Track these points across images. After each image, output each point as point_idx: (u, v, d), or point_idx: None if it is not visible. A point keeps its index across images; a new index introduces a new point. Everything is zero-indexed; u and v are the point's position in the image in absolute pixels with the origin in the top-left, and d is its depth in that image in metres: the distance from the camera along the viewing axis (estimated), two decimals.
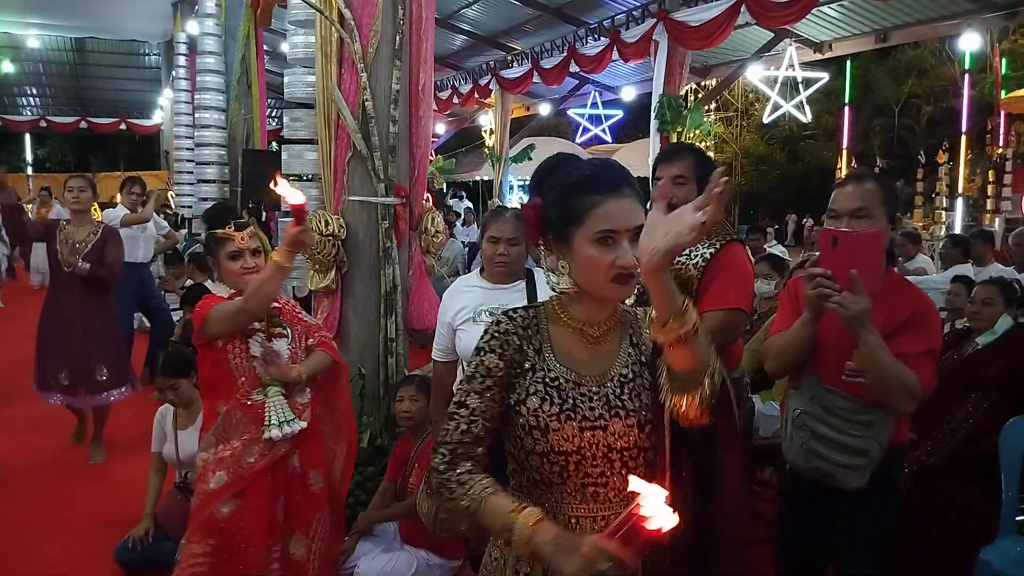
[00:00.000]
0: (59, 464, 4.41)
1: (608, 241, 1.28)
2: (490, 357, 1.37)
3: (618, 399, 1.35)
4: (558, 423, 1.32)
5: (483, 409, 1.35)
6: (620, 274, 1.28)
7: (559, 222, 1.33)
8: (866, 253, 1.90)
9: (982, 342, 3.11)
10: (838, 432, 2.03)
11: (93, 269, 4.24)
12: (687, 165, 2.54)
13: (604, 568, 1.09)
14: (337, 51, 3.58)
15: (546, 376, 1.35)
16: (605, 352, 1.39)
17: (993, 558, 2.55)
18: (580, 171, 1.35)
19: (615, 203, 1.29)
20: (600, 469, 1.33)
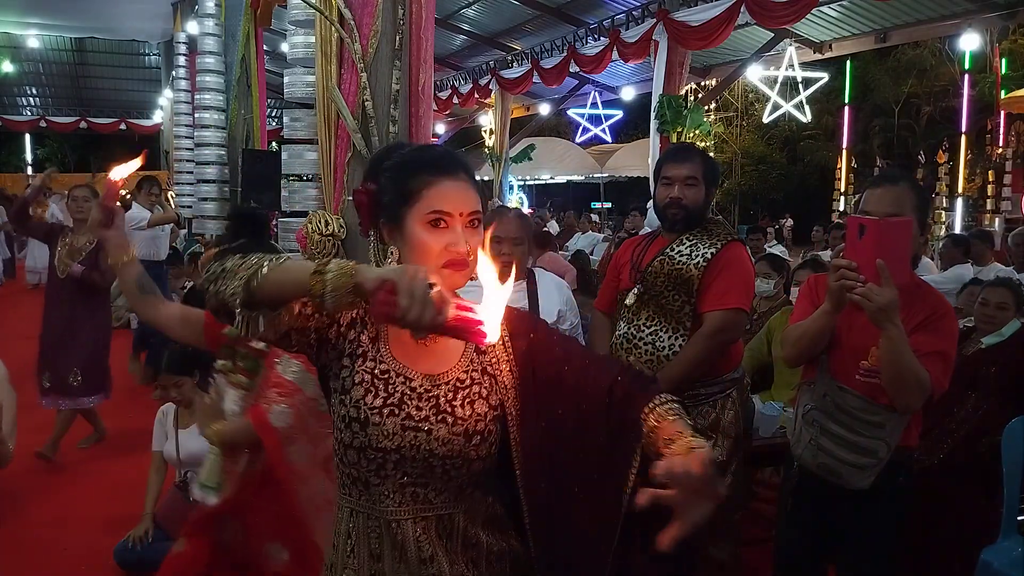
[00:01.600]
0: (59, 464, 4.41)
1: (440, 223, 1.22)
2: None
3: (448, 404, 1.25)
4: (379, 417, 1.22)
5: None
6: (452, 259, 1.21)
7: (391, 204, 1.26)
8: (895, 243, 1.82)
9: (987, 342, 3.11)
10: (848, 430, 2.02)
11: (86, 272, 4.26)
12: (697, 166, 2.55)
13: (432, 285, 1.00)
14: (337, 51, 3.58)
15: (376, 367, 1.25)
16: (443, 351, 1.29)
17: (994, 558, 2.54)
18: (411, 152, 1.31)
19: (449, 184, 1.23)
20: (420, 471, 1.25)
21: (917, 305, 1.99)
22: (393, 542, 1.26)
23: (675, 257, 2.54)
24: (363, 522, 1.28)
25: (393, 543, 1.26)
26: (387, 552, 1.27)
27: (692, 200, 2.53)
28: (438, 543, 1.27)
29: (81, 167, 24.21)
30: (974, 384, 2.98)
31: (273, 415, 2.06)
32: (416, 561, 1.25)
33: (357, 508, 1.29)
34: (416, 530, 1.26)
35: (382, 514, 1.26)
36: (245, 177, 8.15)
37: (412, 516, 1.26)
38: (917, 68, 17.13)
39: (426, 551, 1.26)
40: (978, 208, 12.86)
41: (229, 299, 1.13)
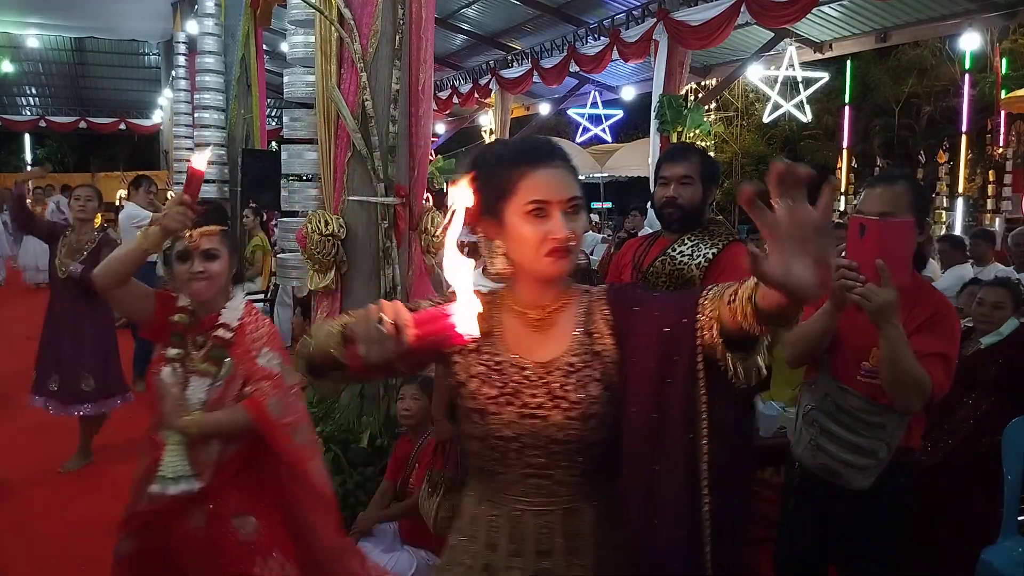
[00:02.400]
0: (59, 464, 4.40)
1: (540, 213, 1.23)
2: (427, 303, 1.34)
3: (561, 389, 1.27)
4: (496, 406, 1.27)
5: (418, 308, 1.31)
6: (554, 248, 1.23)
7: (490, 199, 1.27)
8: (895, 243, 1.83)
9: (986, 342, 3.11)
10: (848, 431, 2.02)
11: (85, 271, 4.24)
12: (693, 165, 2.54)
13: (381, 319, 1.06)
14: (337, 51, 3.58)
15: (491, 359, 1.31)
16: (553, 337, 1.32)
17: (994, 558, 2.55)
18: (509, 145, 1.33)
19: (545, 172, 1.24)
20: (543, 460, 1.27)
21: (919, 306, 1.99)
22: (512, 533, 1.29)
23: (676, 257, 2.54)
24: (487, 510, 1.33)
25: (511, 535, 1.29)
26: (503, 544, 1.29)
27: (688, 199, 2.53)
28: (561, 539, 1.28)
29: (81, 167, 24.22)
30: (974, 384, 2.98)
31: (271, 406, 2.07)
32: (532, 554, 1.27)
33: (484, 496, 1.34)
34: (537, 523, 1.28)
35: (504, 502, 1.30)
36: (245, 177, 8.16)
37: (534, 507, 1.29)
38: (917, 68, 17.11)
39: (544, 545, 1.28)
40: (978, 208, 12.85)
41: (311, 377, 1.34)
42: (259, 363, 2.12)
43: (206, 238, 2.11)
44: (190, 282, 2.11)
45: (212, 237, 2.12)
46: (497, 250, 1.30)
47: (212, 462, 2.08)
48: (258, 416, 2.05)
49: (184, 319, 2.14)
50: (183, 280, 2.12)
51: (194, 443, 2.05)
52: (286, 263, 4.17)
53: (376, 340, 1.05)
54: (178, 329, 2.13)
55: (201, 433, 2.04)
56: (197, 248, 2.10)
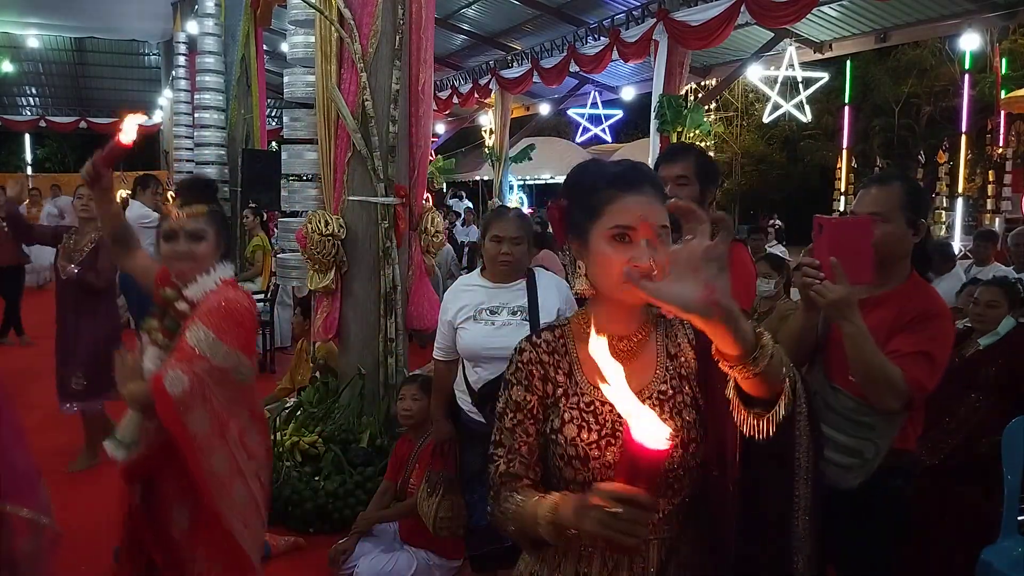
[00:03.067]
0: (59, 465, 4.40)
1: (624, 239, 1.21)
2: (517, 390, 1.32)
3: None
4: (598, 450, 1.24)
5: (517, 446, 1.30)
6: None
7: (579, 220, 1.28)
8: (851, 242, 1.85)
9: (984, 343, 3.11)
10: (835, 429, 2.02)
11: (81, 274, 4.24)
12: (689, 165, 2.53)
13: (621, 511, 0.99)
14: (337, 51, 3.58)
15: (580, 401, 1.28)
16: (639, 367, 1.29)
17: (994, 558, 2.55)
18: (602, 169, 1.31)
19: (633, 199, 1.23)
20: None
21: (909, 305, 1.99)
22: (604, 562, 1.27)
23: None
24: (577, 542, 1.26)
25: (604, 563, 1.27)
26: (595, 571, 1.28)
27: (685, 199, 2.52)
28: (655, 569, 1.27)
29: (81, 167, 24.19)
30: (974, 384, 2.99)
31: (167, 380, 1.92)
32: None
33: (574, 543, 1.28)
34: (631, 559, 1.26)
35: (597, 545, 1.25)
36: (245, 177, 8.16)
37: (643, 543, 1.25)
38: (917, 68, 17.13)
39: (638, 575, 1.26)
40: (978, 208, 12.84)
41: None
42: (185, 336, 2.01)
43: (192, 218, 2.07)
44: (174, 262, 2.07)
45: (199, 217, 2.08)
46: (579, 271, 1.30)
47: (151, 434, 2.04)
48: (154, 389, 1.93)
49: (171, 294, 2.11)
50: (168, 259, 2.08)
51: (145, 414, 2.01)
52: (286, 263, 4.17)
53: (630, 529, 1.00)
54: (163, 302, 2.12)
55: (131, 402, 2.01)
56: (182, 228, 2.06)
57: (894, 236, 1.99)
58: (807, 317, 2.04)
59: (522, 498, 1.25)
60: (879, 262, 2.02)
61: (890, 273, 2.03)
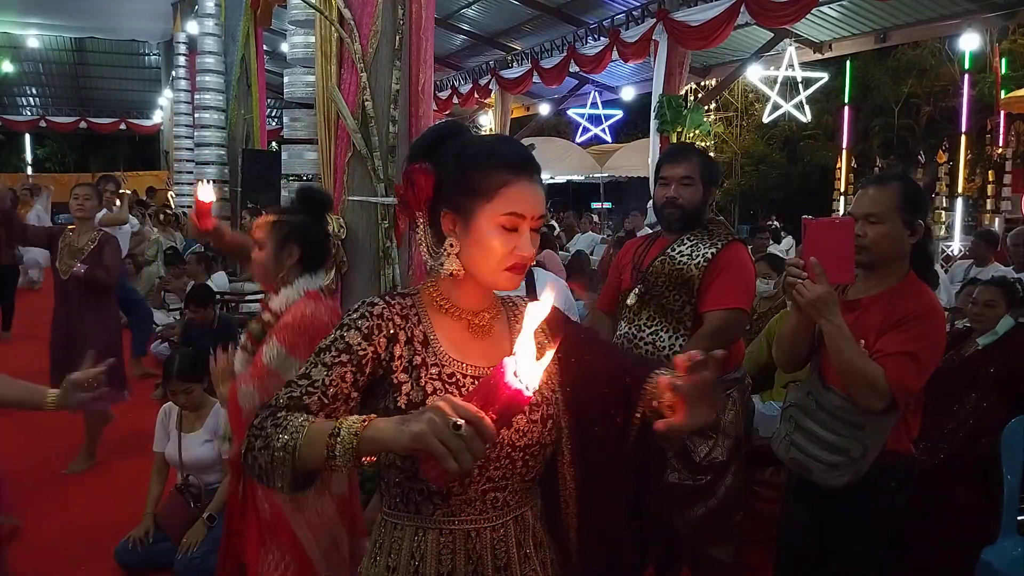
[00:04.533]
0: (59, 465, 4.41)
1: (512, 226, 1.18)
2: (353, 334, 1.19)
3: None
4: None
5: (326, 384, 1.16)
6: (517, 263, 1.19)
7: (460, 196, 1.20)
8: (832, 242, 1.88)
9: (983, 342, 3.11)
10: (823, 428, 2.03)
11: (89, 271, 4.23)
12: (693, 166, 2.55)
13: (460, 423, 0.92)
14: (337, 51, 3.58)
15: (441, 372, 1.20)
16: (494, 342, 1.27)
17: (994, 558, 2.55)
18: (487, 144, 1.25)
19: (526, 185, 1.19)
20: (502, 472, 1.22)
21: (899, 305, 1.99)
22: (468, 555, 1.23)
23: (676, 257, 2.54)
24: (434, 538, 1.23)
25: (468, 556, 1.23)
26: (460, 567, 1.22)
27: (688, 200, 2.54)
28: (515, 548, 1.26)
29: (81, 167, 24.21)
30: (973, 384, 2.99)
31: (240, 394, 2.07)
32: (491, 570, 1.23)
33: (427, 525, 1.23)
34: (494, 538, 1.24)
35: (459, 526, 1.23)
36: (245, 177, 8.17)
37: (491, 523, 1.24)
38: (917, 68, 17.12)
39: (501, 558, 1.25)
40: (978, 208, 12.84)
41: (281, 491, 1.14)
42: (261, 352, 2.12)
43: (257, 227, 2.30)
44: (252, 268, 2.35)
45: (260, 227, 2.28)
46: (450, 249, 1.22)
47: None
48: (229, 400, 2.13)
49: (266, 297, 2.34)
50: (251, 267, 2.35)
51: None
52: None
53: (463, 449, 0.92)
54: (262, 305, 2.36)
55: (221, 402, 2.23)
56: (253, 237, 2.31)
57: (889, 237, 1.99)
58: (796, 316, 2.06)
59: (307, 417, 1.11)
60: (876, 263, 2.03)
61: (886, 273, 2.03)
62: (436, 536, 1.22)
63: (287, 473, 1.09)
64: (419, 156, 1.26)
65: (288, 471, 1.08)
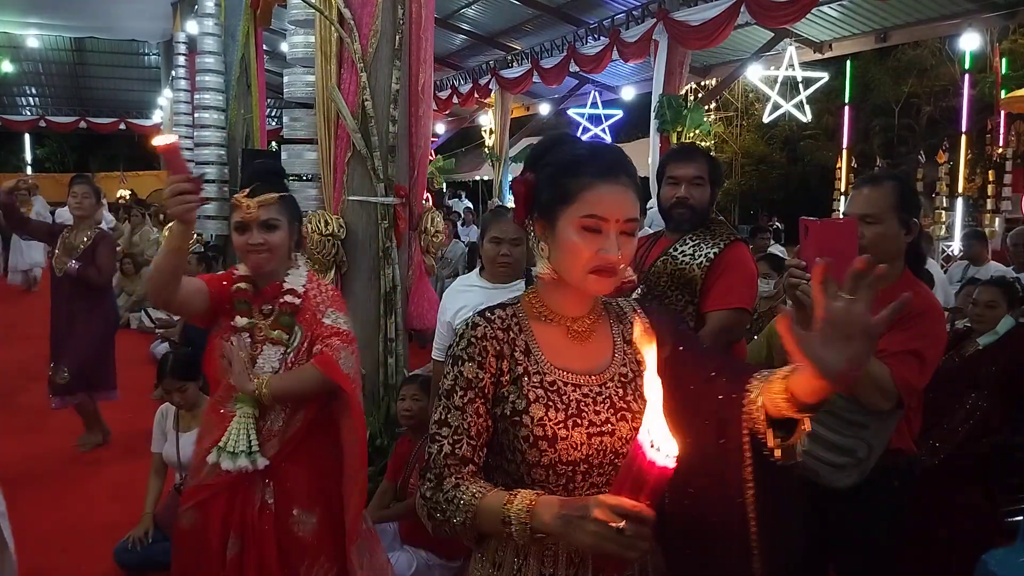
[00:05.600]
0: (59, 464, 4.40)
1: (594, 228, 1.19)
2: (469, 367, 1.24)
3: (622, 400, 1.24)
4: (566, 430, 1.20)
5: (467, 427, 1.22)
6: (601, 267, 1.18)
7: (547, 201, 1.24)
8: (837, 242, 1.85)
9: (983, 342, 3.11)
10: (828, 429, 2.02)
11: (81, 269, 4.24)
12: (703, 166, 2.56)
13: (622, 527, 0.95)
14: (337, 51, 3.58)
15: (543, 380, 1.23)
16: (596, 349, 1.28)
17: (990, 558, 2.54)
18: (577, 150, 1.26)
19: (608, 188, 1.19)
20: (606, 478, 1.23)
21: None
22: (570, 559, 1.23)
23: (678, 257, 2.54)
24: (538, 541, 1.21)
25: (570, 560, 1.23)
26: (562, 570, 1.23)
27: (698, 200, 2.54)
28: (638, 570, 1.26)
29: (81, 167, 24.23)
30: (974, 384, 2.99)
31: (342, 361, 2.00)
32: (591, 574, 1.23)
33: None
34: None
35: None
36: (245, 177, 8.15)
37: None
38: (917, 68, 17.13)
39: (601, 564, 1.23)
40: (978, 208, 12.84)
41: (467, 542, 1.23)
42: (326, 323, 2.05)
43: (263, 208, 2.00)
44: (249, 254, 2.02)
45: (270, 207, 2.01)
46: (543, 253, 1.26)
47: (277, 433, 2.04)
48: (330, 371, 1.97)
49: (249, 287, 2.08)
50: (242, 252, 2.03)
51: (262, 415, 2.02)
52: None
53: (633, 545, 0.96)
54: (244, 297, 2.07)
55: (273, 397, 1.97)
56: (255, 220, 1.99)
57: (887, 236, 1.99)
58: (797, 318, 2.04)
59: (478, 489, 1.16)
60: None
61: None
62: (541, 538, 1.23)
63: (471, 540, 1.21)
64: (527, 165, 1.32)
65: (472, 540, 1.21)
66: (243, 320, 2.05)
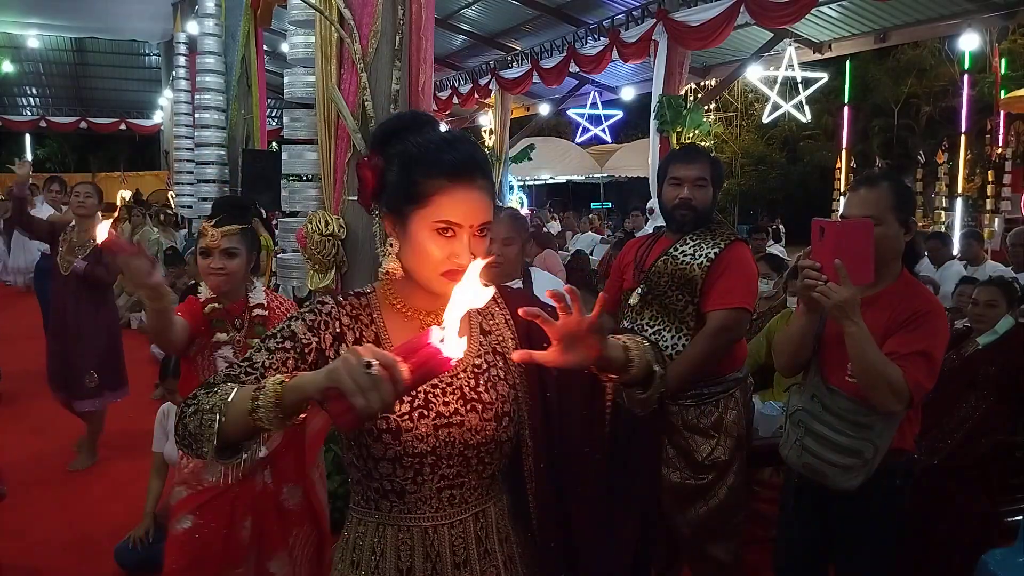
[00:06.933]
0: (59, 464, 4.41)
1: (447, 232, 1.15)
2: (299, 324, 1.21)
3: (473, 391, 1.23)
4: (411, 422, 1.18)
5: (265, 366, 1.17)
6: (453, 269, 1.15)
7: (397, 196, 1.19)
8: (854, 244, 1.87)
9: (983, 342, 3.11)
10: (833, 431, 2.03)
11: (88, 268, 4.25)
12: (706, 167, 2.56)
13: (376, 365, 0.92)
14: (337, 51, 3.58)
15: None
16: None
17: (989, 559, 2.54)
18: (429, 144, 1.19)
19: (463, 193, 1.15)
20: (456, 469, 1.22)
21: (902, 305, 1.99)
22: (427, 552, 1.23)
23: (679, 257, 2.54)
24: (392, 535, 1.24)
25: (426, 553, 1.23)
26: (418, 564, 1.23)
27: (701, 201, 2.55)
28: (474, 545, 1.26)
29: (81, 167, 24.23)
30: (973, 384, 2.99)
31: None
32: (450, 567, 1.24)
33: (386, 521, 1.25)
34: (452, 534, 1.24)
35: (416, 523, 1.23)
36: (245, 177, 8.15)
37: (449, 520, 1.24)
38: (917, 68, 17.14)
39: (460, 555, 1.25)
40: (978, 208, 12.85)
41: (208, 459, 1.09)
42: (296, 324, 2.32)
43: (226, 238, 2.27)
44: (209, 277, 2.28)
45: (232, 236, 2.29)
46: (390, 249, 1.23)
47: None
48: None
49: (219, 306, 2.32)
50: (204, 274, 2.30)
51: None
52: (286, 263, 4.17)
53: (372, 388, 0.92)
54: (220, 315, 2.31)
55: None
56: (218, 247, 2.26)
57: (888, 236, 2.00)
58: (808, 320, 2.04)
59: (233, 385, 1.11)
60: (876, 263, 2.03)
61: (883, 273, 2.04)
62: (395, 532, 1.24)
63: (214, 435, 1.05)
64: (374, 146, 1.25)
65: (215, 432, 1.05)
66: (224, 335, 2.31)
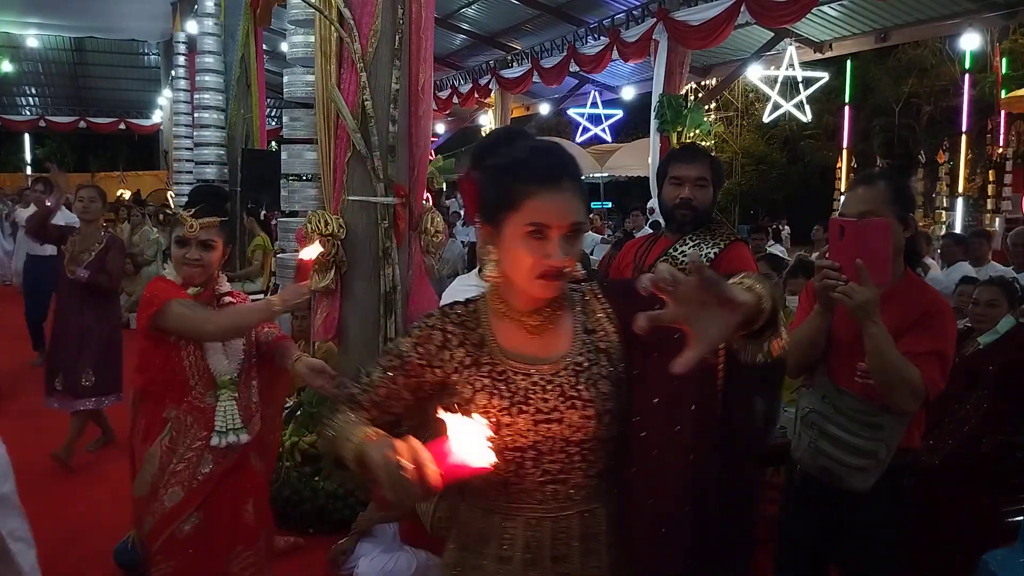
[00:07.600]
0: (59, 464, 4.40)
1: (539, 235, 1.20)
2: (407, 342, 1.33)
3: (573, 388, 1.26)
4: (509, 417, 1.24)
5: (378, 384, 1.32)
6: (547, 271, 1.20)
7: (491, 205, 1.25)
8: (874, 243, 1.86)
9: (984, 342, 3.11)
10: (846, 432, 2.02)
11: (92, 276, 4.24)
12: (706, 167, 2.56)
13: (407, 470, 1.03)
14: (336, 51, 3.57)
15: (492, 370, 1.27)
16: (554, 340, 1.30)
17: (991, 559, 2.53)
18: (519, 153, 1.25)
19: (552, 196, 1.20)
20: (560, 465, 1.25)
21: (912, 305, 1.99)
22: (528, 542, 1.27)
23: (679, 258, 2.54)
24: (498, 522, 1.29)
25: (527, 543, 1.27)
26: (518, 555, 1.27)
27: (702, 201, 2.54)
28: (578, 543, 1.28)
29: (81, 167, 24.20)
30: (974, 384, 2.98)
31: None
32: (548, 561, 1.26)
33: (493, 508, 1.30)
34: (555, 528, 1.27)
35: (520, 513, 1.27)
36: (245, 177, 8.15)
37: (552, 514, 1.27)
38: (917, 68, 17.12)
39: (560, 549, 1.27)
40: (978, 208, 12.85)
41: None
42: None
43: (204, 229, 2.26)
44: (184, 266, 2.27)
45: (210, 228, 2.27)
46: (490, 256, 1.28)
47: (256, 408, 2.38)
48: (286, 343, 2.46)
49: (198, 292, 2.34)
50: (179, 263, 2.28)
51: (243, 393, 2.34)
52: (286, 263, 4.16)
53: (399, 487, 1.05)
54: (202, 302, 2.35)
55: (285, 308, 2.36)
56: (195, 238, 2.25)
57: (895, 236, 1.99)
58: (823, 319, 2.03)
59: (347, 418, 1.29)
60: None
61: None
62: (501, 520, 1.29)
63: (330, 456, 1.30)
64: (472, 162, 1.33)
65: (331, 455, 1.30)
66: None
